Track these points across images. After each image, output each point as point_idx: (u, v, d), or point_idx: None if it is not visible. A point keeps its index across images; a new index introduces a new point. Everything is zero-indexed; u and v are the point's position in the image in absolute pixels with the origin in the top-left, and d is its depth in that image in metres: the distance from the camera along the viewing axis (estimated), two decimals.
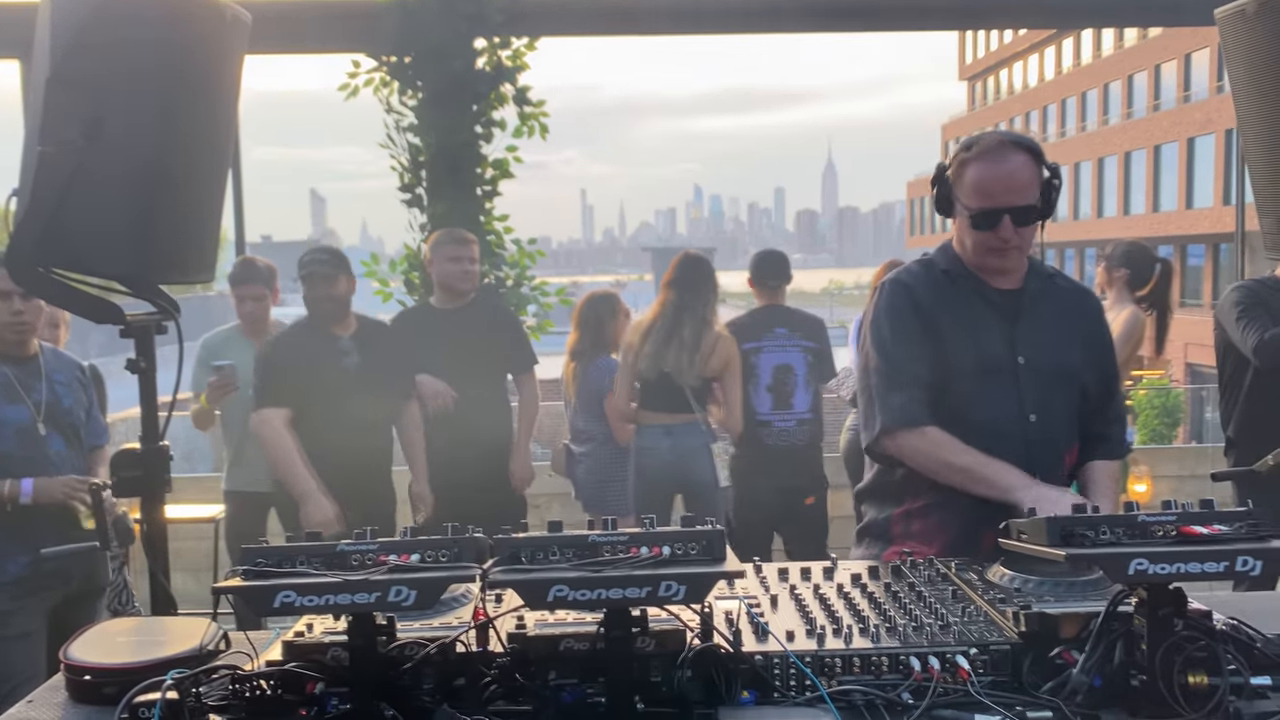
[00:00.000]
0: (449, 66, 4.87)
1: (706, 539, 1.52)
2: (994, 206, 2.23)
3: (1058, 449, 2.34)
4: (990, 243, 2.26)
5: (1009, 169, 2.22)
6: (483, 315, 4.30)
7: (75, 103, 2.15)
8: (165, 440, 2.41)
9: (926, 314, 2.34)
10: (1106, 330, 2.49)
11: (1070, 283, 2.48)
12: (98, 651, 1.75)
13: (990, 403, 2.29)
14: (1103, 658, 1.54)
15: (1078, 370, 2.36)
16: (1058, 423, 2.32)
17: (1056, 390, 2.33)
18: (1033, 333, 2.33)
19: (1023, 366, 2.30)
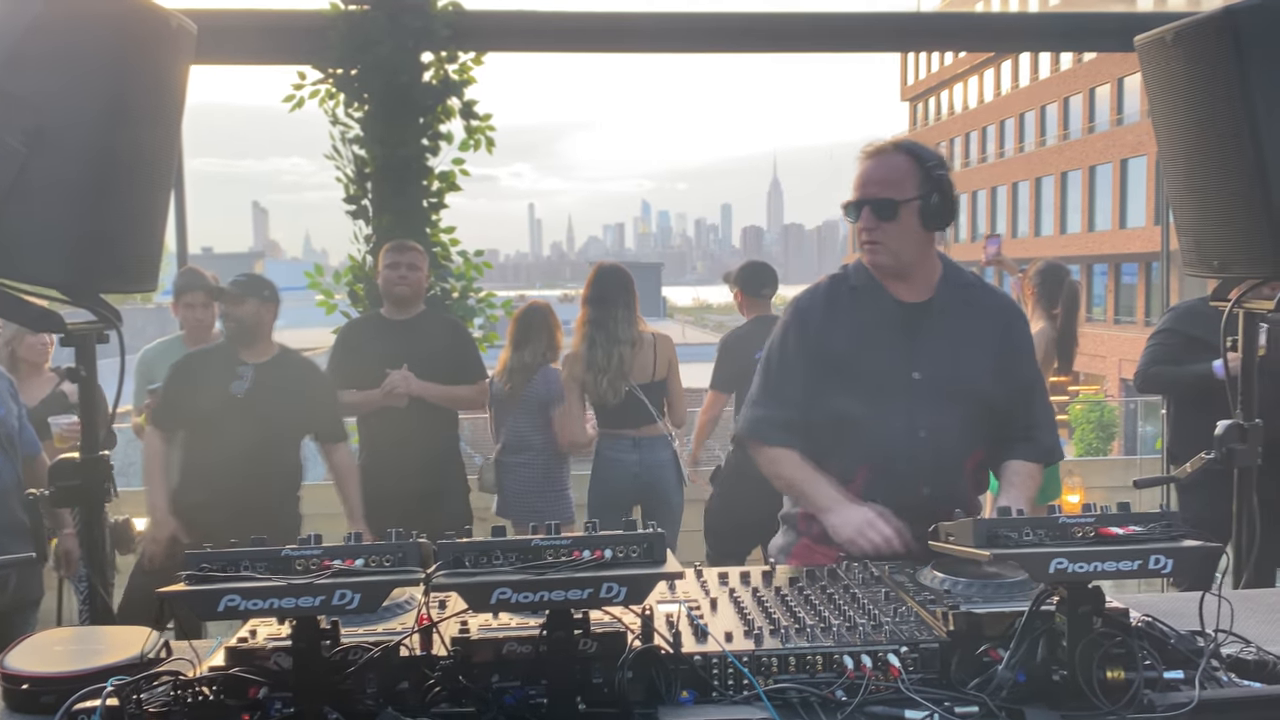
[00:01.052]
0: (395, 79, 4.88)
1: (648, 542, 1.56)
2: (858, 198, 2.32)
3: (951, 463, 2.36)
4: (859, 234, 2.34)
5: (878, 164, 2.31)
6: (431, 326, 4.30)
7: (16, 111, 2.13)
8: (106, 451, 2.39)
9: (817, 335, 2.39)
10: (1024, 338, 2.48)
11: (989, 291, 2.51)
12: (36, 660, 1.74)
13: (880, 419, 2.32)
14: (1026, 654, 1.61)
15: (982, 383, 2.35)
16: (951, 438, 2.34)
17: (953, 405, 2.33)
18: (934, 347, 2.34)
19: (917, 382, 2.32)
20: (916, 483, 2.31)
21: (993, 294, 2.52)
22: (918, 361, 2.33)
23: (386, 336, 4.22)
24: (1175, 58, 2.53)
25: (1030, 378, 2.47)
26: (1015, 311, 2.52)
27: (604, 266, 4.65)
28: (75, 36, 2.19)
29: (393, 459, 4.18)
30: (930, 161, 2.30)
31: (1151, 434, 17.35)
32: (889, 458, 2.32)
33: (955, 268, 2.44)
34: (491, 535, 1.56)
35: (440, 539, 1.56)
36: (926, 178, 2.28)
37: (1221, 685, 1.62)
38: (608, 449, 4.58)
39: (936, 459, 2.32)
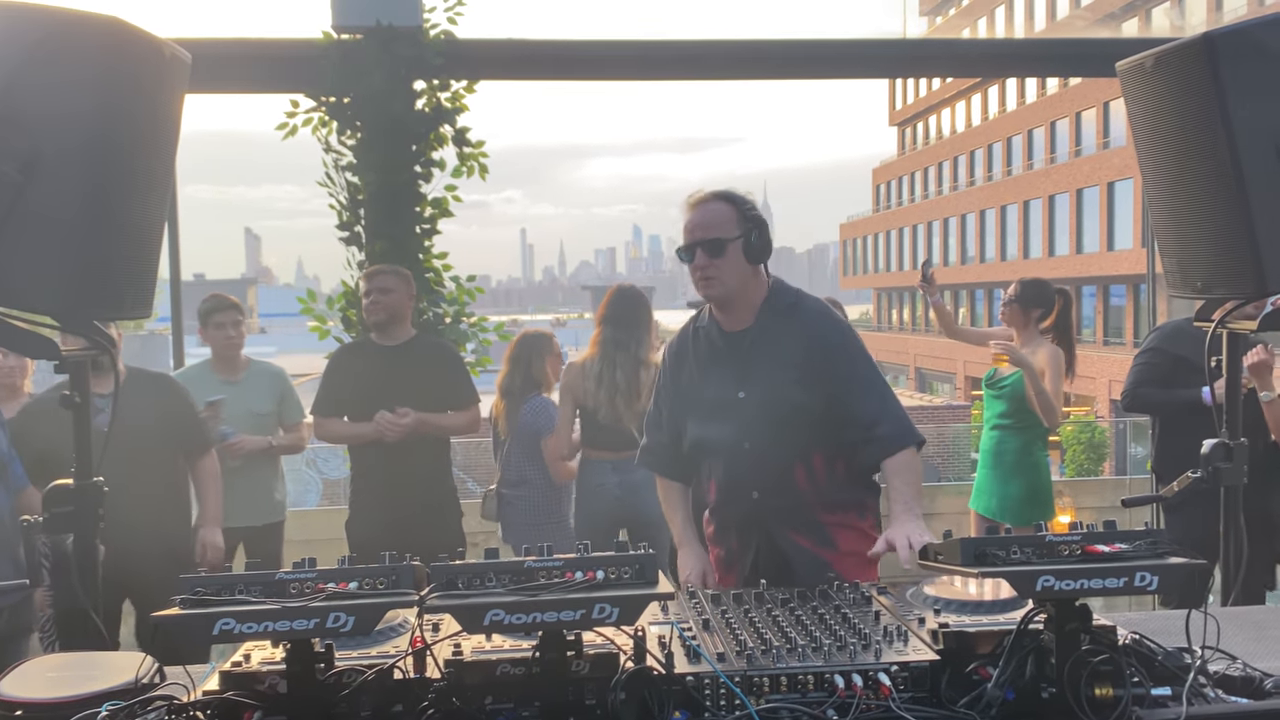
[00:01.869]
0: (388, 107, 4.91)
1: (639, 563, 1.58)
2: (690, 242, 2.65)
3: (776, 468, 2.65)
4: (693, 274, 2.66)
5: (703, 211, 2.65)
6: (422, 351, 4.28)
7: (11, 138, 2.15)
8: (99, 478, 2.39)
9: (673, 372, 2.83)
10: (831, 341, 2.68)
11: (812, 309, 2.74)
12: (29, 687, 1.74)
13: (716, 435, 2.71)
14: (1015, 672, 1.62)
15: (796, 393, 2.62)
16: (774, 445, 2.63)
17: (772, 417, 2.62)
18: (754, 368, 2.67)
19: (742, 400, 2.66)
20: (748, 489, 2.67)
21: (809, 309, 2.74)
22: (741, 383, 2.68)
23: (376, 362, 4.22)
24: (1156, 82, 2.57)
25: (847, 375, 2.67)
26: (828, 319, 2.73)
27: (627, 289, 4.64)
28: (71, 65, 2.21)
29: (384, 485, 4.17)
30: (746, 205, 2.66)
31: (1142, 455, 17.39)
32: (725, 470, 2.71)
33: (780, 291, 2.73)
34: (485, 558, 1.58)
35: (433, 562, 1.57)
36: (744, 219, 2.63)
37: (1209, 701, 1.63)
38: (588, 475, 4.55)
39: (761, 466, 2.65)
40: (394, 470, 4.13)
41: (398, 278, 4.25)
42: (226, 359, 4.61)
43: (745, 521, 2.70)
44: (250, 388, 4.60)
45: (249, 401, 4.56)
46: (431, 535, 4.03)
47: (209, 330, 4.60)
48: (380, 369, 4.17)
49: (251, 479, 4.57)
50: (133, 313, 2.43)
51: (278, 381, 4.71)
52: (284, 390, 4.71)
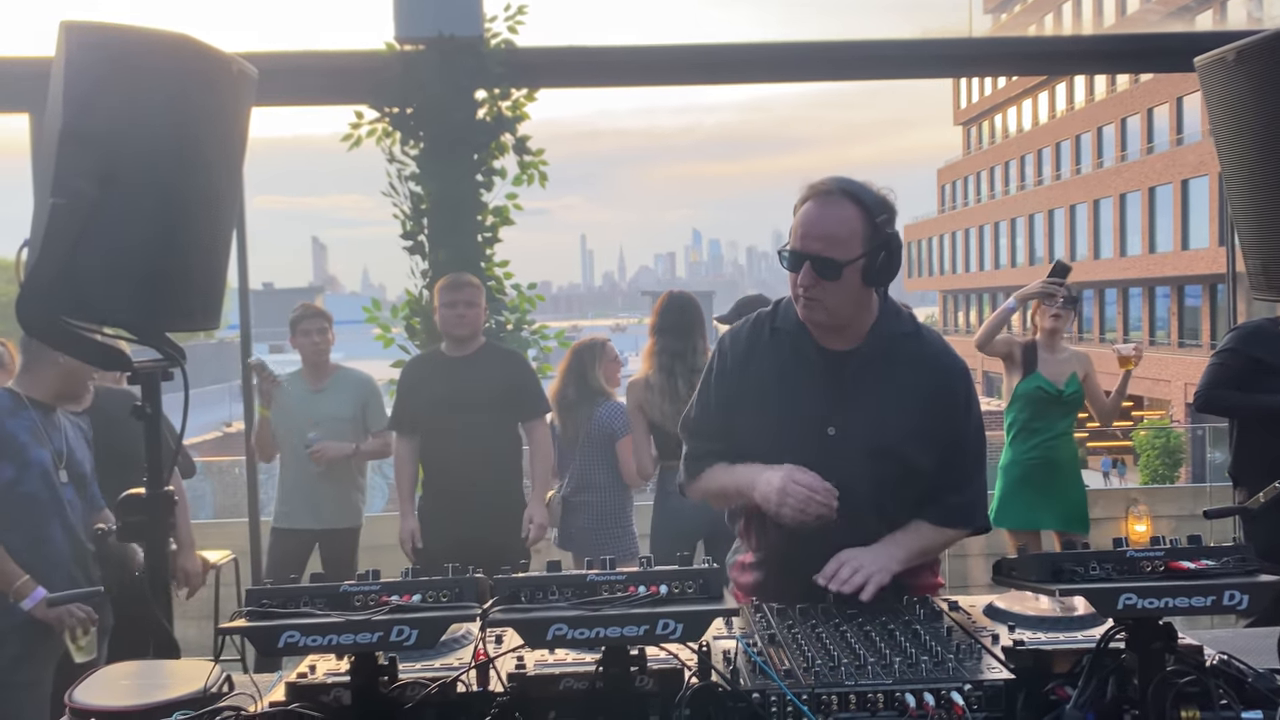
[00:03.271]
0: (450, 117, 4.96)
1: (704, 578, 1.55)
2: (800, 249, 2.11)
3: (861, 528, 2.15)
4: (793, 286, 2.15)
5: (824, 214, 2.09)
6: (492, 362, 4.29)
7: (87, 156, 2.21)
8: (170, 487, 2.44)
9: (735, 378, 2.25)
10: (958, 397, 2.23)
11: (929, 343, 2.24)
12: (102, 694, 1.76)
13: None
14: (1095, 693, 1.56)
15: (900, 444, 2.16)
16: (862, 501, 2.14)
17: (868, 466, 2.14)
18: (855, 401, 2.16)
19: (831, 438, 2.15)
20: (825, 549, 2.13)
21: (932, 346, 2.25)
22: (834, 416, 2.16)
23: (447, 374, 4.24)
24: (1237, 77, 2.48)
25: (959, 439, 2.24)
26: (952, 365, 2.25)
27: (677, 295, 4.54)
28: (143, 83, 2.26)
29: (452, 494, 4.20)
30: (879, 215, 2.09)
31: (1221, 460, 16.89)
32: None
33: (892, 314, 2.22)
34: (547, 570, 1.57)
35: (496, 574, 1.56)
36: (874, 233, 2.08)
37: None
38: (666, 484, 4.53)
39: (847, 522, 2.12)
40: (463, 482, 4.16)
41: (480, 290, 4.31)
42: (314, 365, 4.75)
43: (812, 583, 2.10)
44: (334, 394, 4.73)
45: (332, 407, 4.68)
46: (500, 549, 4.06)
47: (297, 338, 4.75)
48: (453, 380, 4.20)
49: (332, 482, 4.68)
50: (203, 324, 2.48)
51: (363, 388, 4.80)
52: (369, 396, 4.80)
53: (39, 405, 3.15)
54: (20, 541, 3.03)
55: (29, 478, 3.06)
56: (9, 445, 3.04)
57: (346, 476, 4.77)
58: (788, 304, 2.24)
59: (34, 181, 2.35)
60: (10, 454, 3.04)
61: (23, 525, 3.04)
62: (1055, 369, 4.86)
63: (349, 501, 4.79)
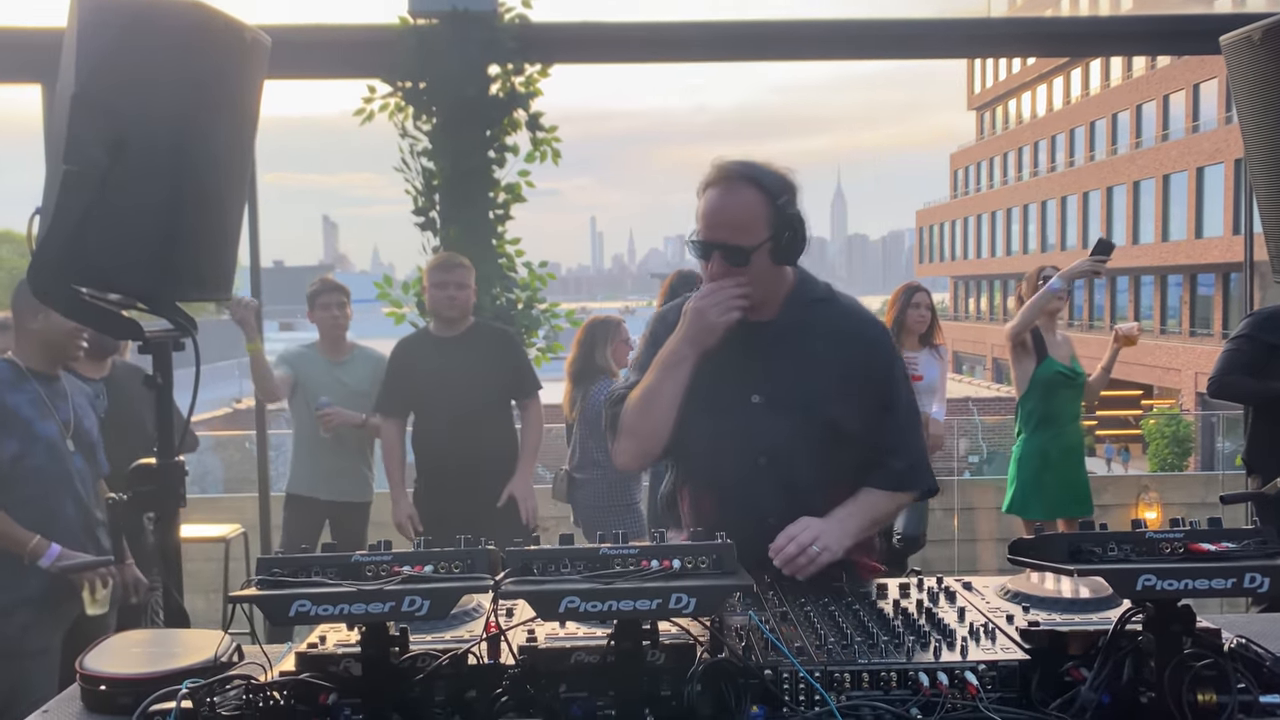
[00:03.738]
0: (463, 92, 4.93)
1: (717, 553, 1.53)
2: (709, 239, 2.13)
3: (795, 492, 2.16)
4: (706, 272, 2.17)
5: (727, 200, 2.12)
6: (482, 341, 4.27)
7: (100, 122, 2.19)
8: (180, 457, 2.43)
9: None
10: (882, 358, 2.26)
11: (845, 307, 2.29)
12: (113, 662, 1.77)
13: (719, 444, 2.19)
14: (1111, 675, 1.55)
15: (826, 407, 2.17)
16: (794, 465, 2.16)
17: (796, 431, 2.16)
18: (774, 369, 2.19)
19: (756, 406, 2.18)
20: (761, 513, 2.14)
21: (848, 309, 2.29)
22: (758, 384, 2.19)
23: (437, 355, 4.22)
24: (1263, 57, 2.44)
25: (889, 399, 2.25)
26: (877, 328, 2.30)
27: (686, 274, 4.50)
28: (155, 50, 2.24)
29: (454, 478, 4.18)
30: (781, 195, 2.12)
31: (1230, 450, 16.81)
32: (730, 485, 2.20)
33: (808, 282, 2.26)
34: (559, 543, 1.55)
35: (508, 547, 1.55)
36: (777, 215, 2.11)
37: None
38: None
39: (778, 486, 2.16)
40: (460, 461, 4.14)
41: (470, 271, 4.26)
42: (332, 339, 4.73)
43: (757, 546, 2.05)
44: (353, 367, 4.72)
45: (351, 379, 4.69)
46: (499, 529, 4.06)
47: (315, 311, 4.73)
48: (443, 361, 4.18)
49: (340, 454, 4.69)
50: (214, 294, 2.46)
51: (380, 366, 4.78)
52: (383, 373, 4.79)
53: (40, 375, 3.14)
54: (31, 516, 3.02)
55: (36, 451, 3.05)
56: (11, 420, 3.03)
57: (358, 451, 4.77)
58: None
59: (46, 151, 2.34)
60: (14, 429, 3.03)
61: (32, 500, 3.03)
62: (1058, 351, 4.83)
63: (360, 476, 4.79)
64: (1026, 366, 4.78)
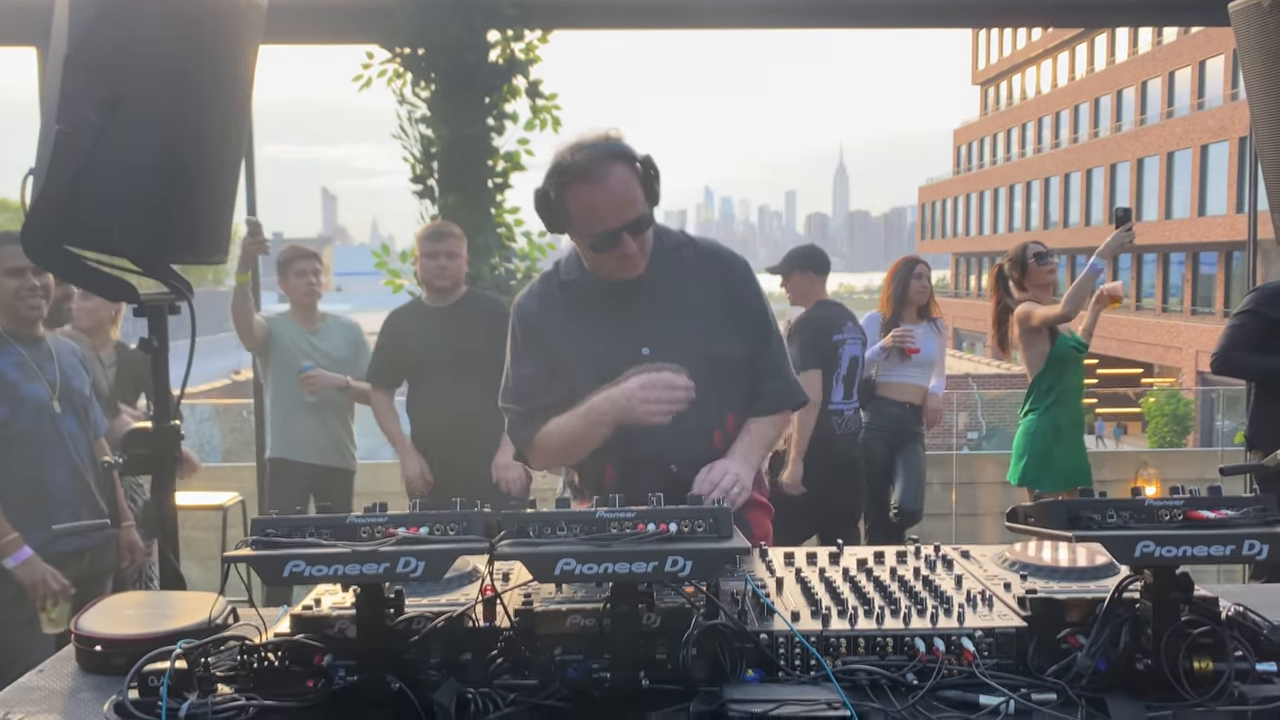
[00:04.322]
0: (462, 59, 4.88)
1: (714, 517, 1.53)
2: (609, 229, 2.16)
3: (695, 434, 2.25)
4: (616, 261, 2.21)
5: (611, 189, 2.15)
6: (475, 310, 4.22)
7: (92, 83, 2.17)
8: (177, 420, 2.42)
9: (539, 333, 2.32)
10: (749, 287, 2.36)
11: (705, 246, 2.37)
12: (108, 623, 1.77)
13: None
14: (1108, 641, 1.54)
15: (713, 342, 2.27)
16: (695, 407, 2.18)
17: (692, 374, 2.18)
18: (655, 319, 2.26)
19: (647, 358, 2.23)
20: (664, 461, 2.23)
21: (709, 248, 2.37)
22: (643, 336, 2.25)
23: (429, 325, 4.19)
24: (1272, 23, 2.41)
25: (761, 323, 2.36)
26: (733, 261, 2.37)
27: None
28: (150, 9, 2.21)
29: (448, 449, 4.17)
30: (630, 155, 2.17)
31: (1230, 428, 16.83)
32: (631, 443, 2.21)
33: (664, 233, 2.32)
34: (556, 507, 1.55)
35: (504, 509, 1.54)
36: (644, 177, 2.18)
37: None
38: None
39: (680, 435, 2.20)
40: (454, 433, 4.13)
41: (461, 240, 4.21)
42: (305, 307, 4.64)
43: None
44: (327, 336, 4.67)
45: (328, 346, 4.64)
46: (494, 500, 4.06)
47: (289, 279, 4.63)
48: (435, 331, 4.15)
49: (324, 422, 4.65)
50: (209, 257, 2.44)
51: (353, 333, 4.76)
52: (359, 341, 4.76)
53: (22, 338, 3.10)
54: (20, 481, 3.00)
55: (23, 415, 3.03)
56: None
57: (338, 419, 4.71)
58: (569, 259, 2.35)
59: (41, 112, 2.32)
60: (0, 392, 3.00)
61: (22, 465, 3.02)
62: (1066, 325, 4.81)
63: (341, 443, 4.74)
64: (1041, 346, 4.72)
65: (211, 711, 1.45)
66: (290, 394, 4.58)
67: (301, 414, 4.60)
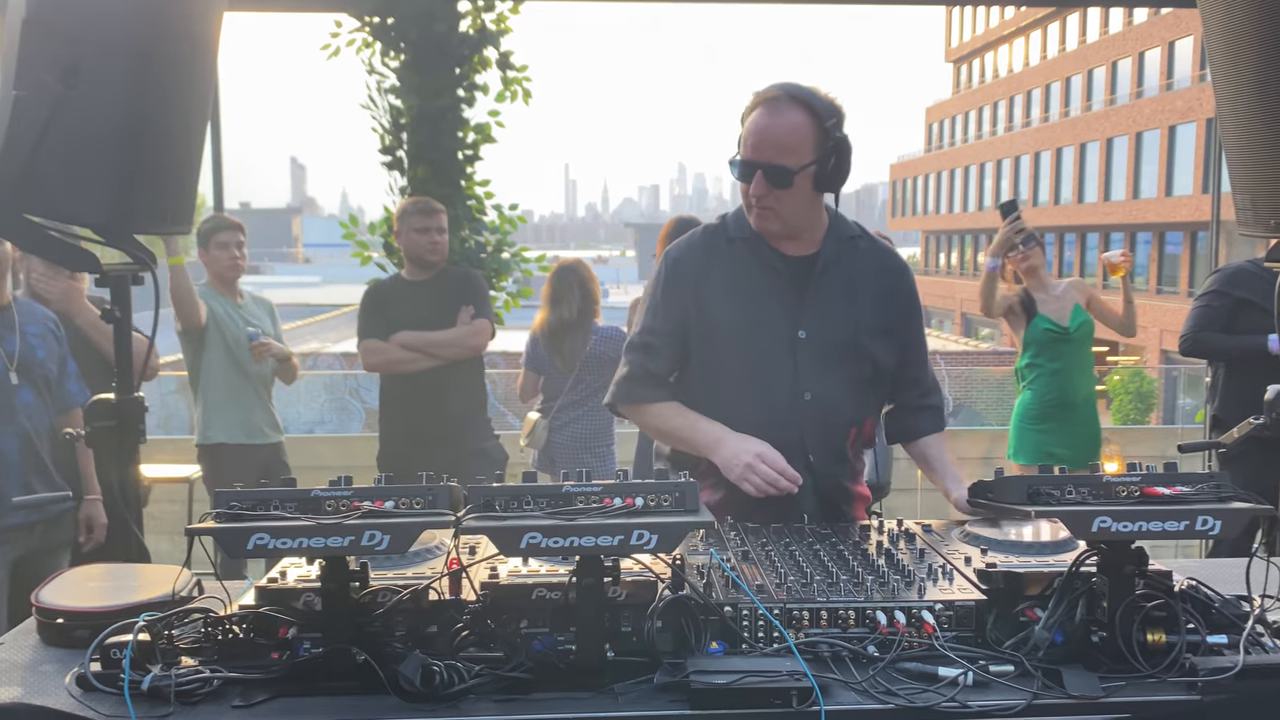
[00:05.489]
0: (432, 28, 4.82)
1: (680, 490, 1.54)
2: (752, 159, 2.12)
3: (837, 427, 2.22)
4: (745, 197, 2.17)
5: (775, 121, 2.10)
6: (453, 284, 4.23)
7: (51, 48, 2.12)
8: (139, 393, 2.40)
9: (694, 289, 2.23)
10: (909, 294, 2.34)
11: (874, 244, 2.33)
12: (70, 595, 1.75)
13: (763, 380, 2.18)
14: (1065, 615, 1.57)
15: (866, 341, 2.22)
16: (838, 400, 2.20)
17: (839, 366, 2.19)
18: (819, 304, 2.20)
19: (802, 341, 2.18)
20: (803, 450, 2.16)
21: (880, 248, 2.34)
22: (803, 319, 2.19)
23: (410, 299, 4.17)
24: (1237, 8, 2.43)
25: (916, 337, 2.37)
26: (903, 267, 2.36)
27: (685, 220, 4.37)
28: None
29: (423, 423, 4.15)
30: (830, 119, 2.11)
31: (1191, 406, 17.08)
32: (771, 423, 2.15)
33: (840, 219, 2.28)
34: (523, 481, 1.55)
35: (471, 483, 1.54)
36: (824, 139, 2.11)
37: (1267, 651, 1.57)
38: None
39: (822, 422, 2.19)
40: (430, 406, 4.12)
41: (445, 215, 4.21)
42: (228, 282, 4.46)
43: (790, 495, 2.09)
44: (252, 311, 4.56)
45: (255, 322, 4.51)
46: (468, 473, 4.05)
47: (211, 251, 4.41)
48: (415, 306, 4.14)
49: (259, 397, 4.53)
50: (174, 227, 2.41)
51: (269, 307, 4.69)
52: (275, 317, 4.70)
53: None
54: None
55: None
56: None
57: (268, 397, 4.61)
58: (736, 215, 2.26)
59: None
60: None
61: None
62: (1055, 306, 4.79)
63: (272, 418, 4.62)
64: (1019, 329, 4.80)
65: (175, 683, 1.45)
66: (232, 371, 4.44)
67: (244, 393, 4.48)
